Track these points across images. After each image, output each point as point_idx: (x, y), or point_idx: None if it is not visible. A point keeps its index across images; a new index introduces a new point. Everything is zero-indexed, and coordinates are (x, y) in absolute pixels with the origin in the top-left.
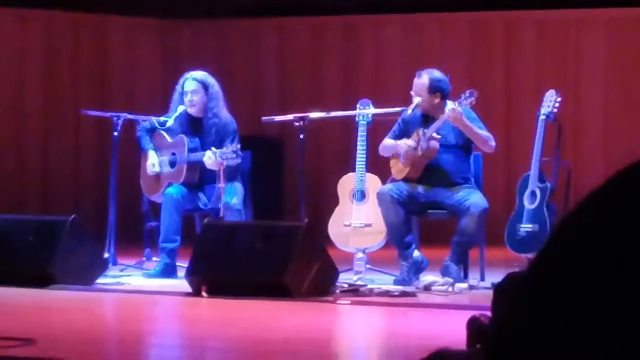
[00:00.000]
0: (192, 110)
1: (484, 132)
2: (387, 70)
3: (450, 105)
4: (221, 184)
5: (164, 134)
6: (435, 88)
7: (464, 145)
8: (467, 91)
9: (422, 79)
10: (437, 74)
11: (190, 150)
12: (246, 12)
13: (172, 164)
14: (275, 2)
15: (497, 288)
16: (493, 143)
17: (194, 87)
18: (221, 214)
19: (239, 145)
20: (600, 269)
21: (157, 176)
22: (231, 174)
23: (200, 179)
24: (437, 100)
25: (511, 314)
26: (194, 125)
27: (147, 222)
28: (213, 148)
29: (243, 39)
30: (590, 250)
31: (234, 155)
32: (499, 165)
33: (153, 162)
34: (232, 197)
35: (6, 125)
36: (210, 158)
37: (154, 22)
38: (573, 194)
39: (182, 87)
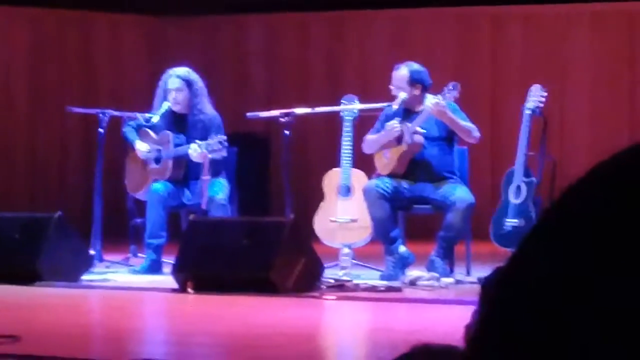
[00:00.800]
0: (176, 108)
1: (467, 124)
2: (373, 66)
3: (432, 99)
4: (205, 176)
5: (149, 131)
6: (415, 80)
7: (447, 138)
8: (451, 84)
9: (401, 71)
10: (416, 66)
11: (176, 146)
12: (232, 8)
13: (157, 160)
14: None
15: (484, 283)
16: (477, 134)
17: (177, 84)
18: (204, 207)
19: (224, 137)
20: (581, 265)
21: (142, 173)
22: (216, 168)
23: (185, 175)
24: (417, 92)
25: (486, 312)
26: (178, 122)
27: (132, 218)
28: (197, 141)
29: (229, 35)
30: (571, 245)
31: (220, 147)
32: (485, 160)
33: (144, 147)
34: (217, 192)
35: None
36: (195, 150)
37: (140, 18)
38: (559, 188)
39: (166, 85)
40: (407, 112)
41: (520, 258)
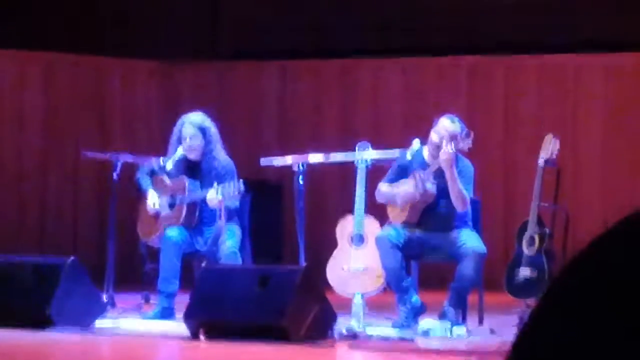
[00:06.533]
0: (191, 155)
1: (464, 191)
2: (386, 113)
3: (447, 148)
4: (221, 221)
5: (164, 177)
6: (461, 137)
7: None
8: (464, 132)
9: (455, 124)
10: (463, 124)
11: (191, 192)
12: (246, 54)
13: (172, 206)
14: (276, 45)
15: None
16: (465, 204)
17: (192, 132)
18: (218, 255)
19: (242, 186)
20: (600, 319)
21: (155, 218)
22: (228, 215)
23: (197, 221)
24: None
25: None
26: (192, 169)
27: (145, 264)
28: (216, 184)
29: (243, 81)
30: (590, 301)
31: (235, 192)
32: (498, 210)
33: (153, 200)
34: (228, 240)
35: (6, 166)
36: (213, 195)
37: (154, 64)
38: (571, 239)
39: (180, 131)
40: (424, 162)
41: (535, 324)
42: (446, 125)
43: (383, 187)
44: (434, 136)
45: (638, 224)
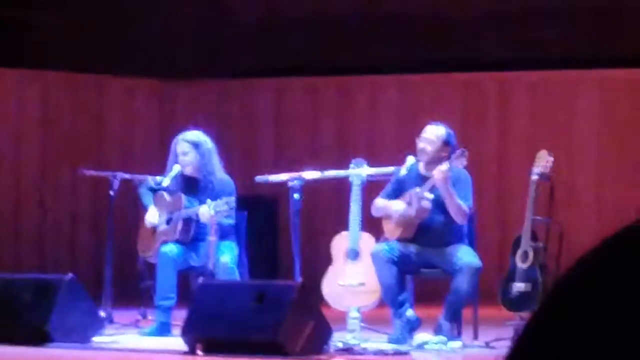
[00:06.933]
0: (187, 171)
1: (461, 203)
2: (381, 130)
3: (442, 166)
4: (212, 237)
5: (165, 194)
6: (448, 141)
7: None
8: (459, 150)
9: (439, 129)
10: (450, 130)
11: (186, 208)
12: (243, 72)
13: (169, 221)
14: (272, 63)
15: None
16: (464, 216)
17: (185, 148)
18: (210, 268)
19: (234, 202)
20: (593, 332)
21: (152, 233)
22: (225, 231)
23: (193, 237)
24: (445, 154)
25: None
26: (190, 185)
27: (142, 280)
28: (209, 200)
29: (238, 99)
30: (582, 314)
31: (227, 208)
32: (492, 224)
33: (152, 214)
34: (224, 256)
35: (3, 184)
36: (205, 210)
37: (150, 82)
38: (565, 253)
39: (175, 149)
40: (422, 178)
41: (528, 337)
42: (428, 129)
43: (379, 202)
44: (419, 144)
45: (631, 237)
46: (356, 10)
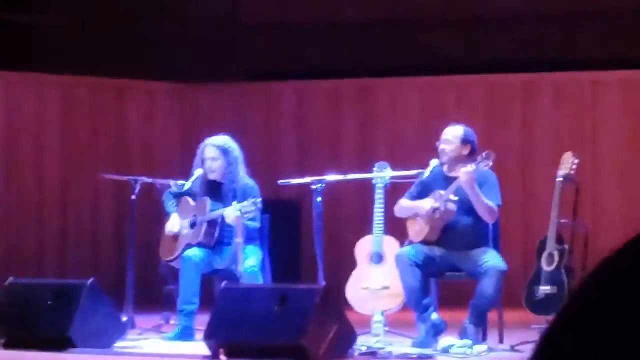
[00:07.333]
0: (212, 176)
1: (489, 202)
2: (403, 133)
3: (465, 167)
4: (239, 239)
5: (189, 198)
6: (467, 139)
7: None
8: (484, 153)
9: (456, 128)
10: (468, 128)
11: (211, 212)
12: (264, 75)
13: (193, 225)
14: (293, 66)
15: None
16: (494, 216)
17: (213, 154)
18: (240, 270)
19: (260, 203)
20: (615, 334)
21: (175, 237)
22: (250, 235)
23: (216, 241)
24: (466, 152)
25: None
26: (214, 190)
27: (165, 285)
28: (234, 202)
29: (260, 102)
30: (605, 316)
31: (253, 208)
32: (517, 227)
33: (173, 223)
34: (249, 259)
35: (25, 189)
36: (232, 211)
37: (172, 86)
38: (591, 256)
39: (203, 153)
40: (447, 180)
41: (551, 339)
42: (446, 131)
43: (404, 202)
44: (439, 146)
45: None
46: (376, 13)
